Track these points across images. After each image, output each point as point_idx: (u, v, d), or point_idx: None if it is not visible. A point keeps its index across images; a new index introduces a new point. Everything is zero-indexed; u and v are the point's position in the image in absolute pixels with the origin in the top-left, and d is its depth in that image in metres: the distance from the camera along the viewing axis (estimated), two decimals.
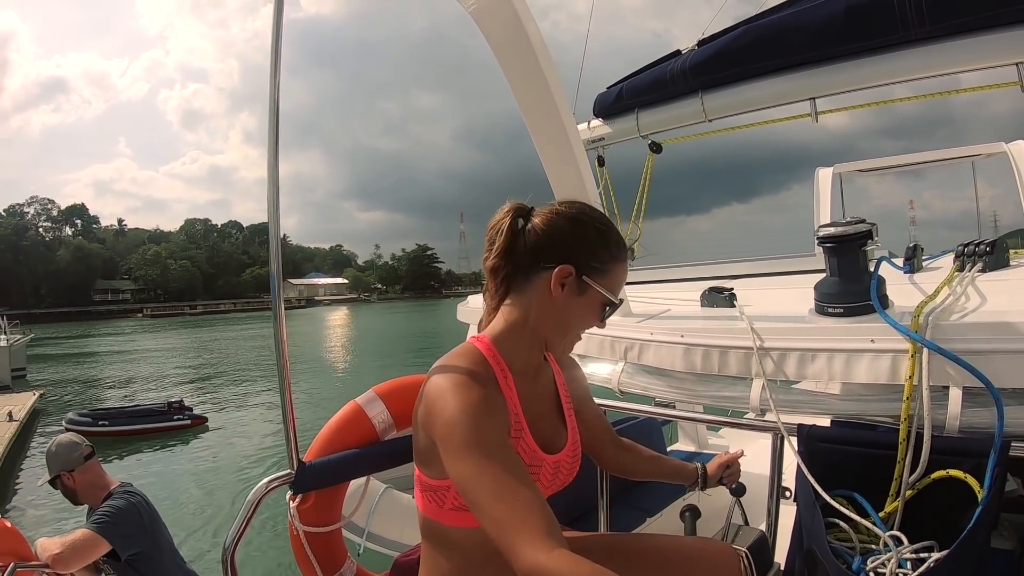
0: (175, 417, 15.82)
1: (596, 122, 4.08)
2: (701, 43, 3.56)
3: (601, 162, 4.26)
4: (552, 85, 2.00)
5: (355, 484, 2.24)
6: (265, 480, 1.78)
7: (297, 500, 1.91)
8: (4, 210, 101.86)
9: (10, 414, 14.73)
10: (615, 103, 3.93)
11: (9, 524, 2.59)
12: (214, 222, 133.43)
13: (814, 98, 3.12)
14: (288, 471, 1.82)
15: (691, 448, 4.51)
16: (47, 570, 2.52)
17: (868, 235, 1.79)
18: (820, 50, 2.97)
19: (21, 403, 16.67)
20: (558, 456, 1.39)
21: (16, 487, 11.51)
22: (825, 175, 4.52)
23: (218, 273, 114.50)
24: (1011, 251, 2.54)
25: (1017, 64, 2.67)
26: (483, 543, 1.25)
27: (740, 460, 1.85)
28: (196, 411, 16.77)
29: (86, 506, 3.00)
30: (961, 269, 2.27)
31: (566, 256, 1.29)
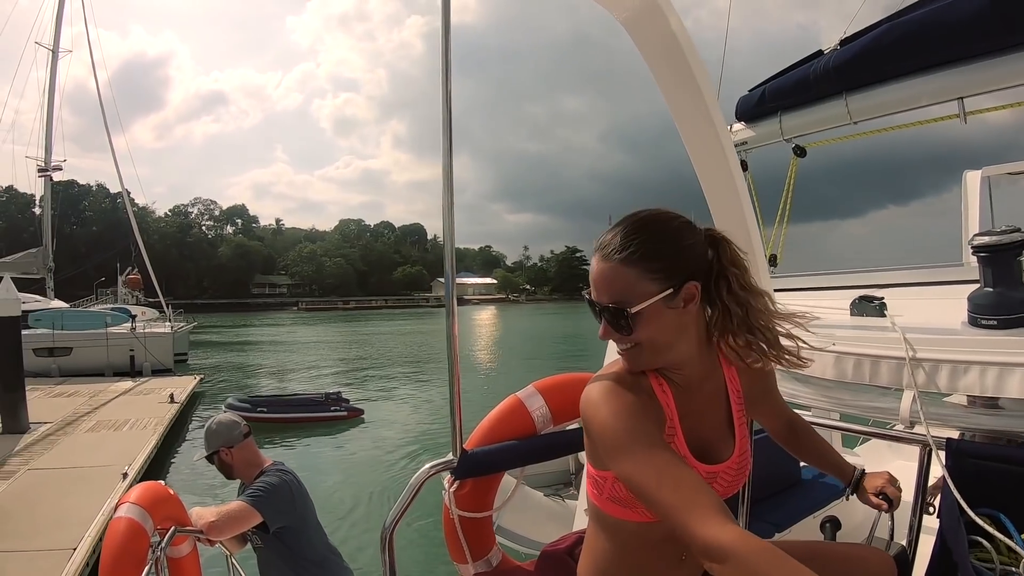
0: (332, 408, 16.16)
1: (738, 126, 3.97)
2: (843, 42, 3.41)
3: (744, 167, 4.08)
4: (705, 93, 2.02)
5: (509, 478, 2.34)
6: (429, 464, 1.91)
7: (455, 486, 2.03)
8: (170, 210, 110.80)
9: (171, 396, 15.45)
10: (757, 106, 3.82)
11: (172, 491, 2.84)
12: (367, 223, 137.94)
13: (961, 98, 2.93)
14: (450, 457, 1.94)
15: None
16: (201, 535, 2.75)
17: (1022, 246, 1.70)
18: (968, 46, 2.77)
19: (182, 386, 17.47)
20: (716, 467, 1.36)
21: (171, 462, 12.25)
22: (973, 178, 4.19)
23: (370, 271, 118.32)
24: None
25: None
26: (640, 533, 1.34)
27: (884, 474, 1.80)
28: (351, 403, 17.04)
29: (238, 482, 3.23)
30: None
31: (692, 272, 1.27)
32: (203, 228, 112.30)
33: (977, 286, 1.92)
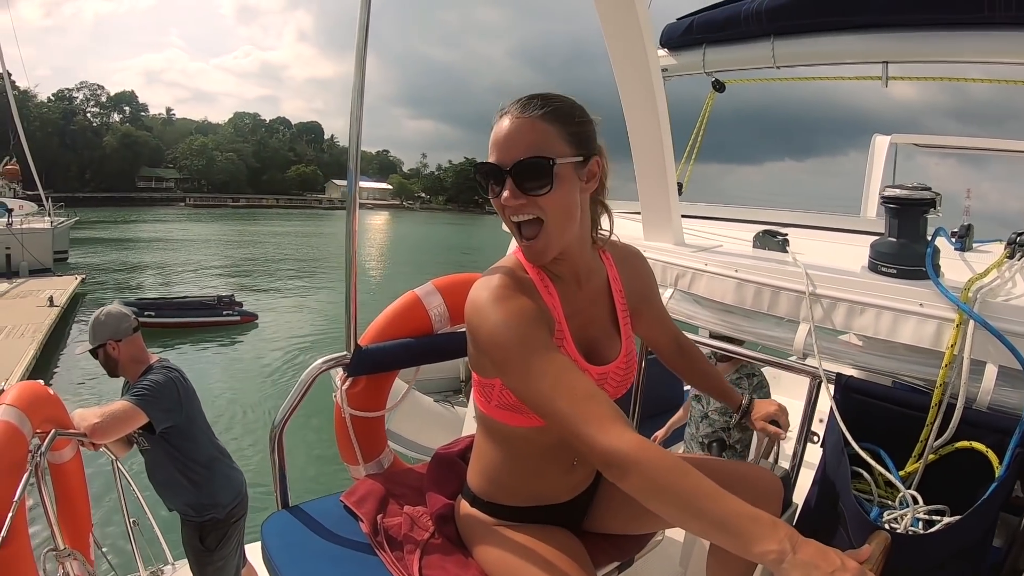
0: (225, 312, 15.87)
1: (661, 52, 3.95)
2: None
3: None
4: (640, 12, 1.99)
5: (402, 377, 2.30)
6: (320, 360, 1.86)
7: (347, 384, 2.00)
8: (53, 95, 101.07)
9: (51, 299, 14.80)
10: (683, 35, 3.82)
11: (51, 391, 2.63)
12: (262, 117, 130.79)
13: (887, 62, 3.04)
14: (344, 353, 1.90)
15: None
16: (85, 439, 2.59)
17: (932, 203, 1.80)
18: (900, 14, 2.88)
19: (63, 287, 16.69)
20: (605, 368, 1.36)
21: (54, 371, 11.80)
22: (882, 143, 4.44)
23: (263, 168, 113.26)
24: None
25: None
26: (531, 438, 1.36)
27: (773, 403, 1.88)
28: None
29: (122, 381, 3.07)
30: (1011, 256, 2.25)
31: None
32: (88, 115, 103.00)
33: (875, 238, 2.02)
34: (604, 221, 1.42)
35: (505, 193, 1.19)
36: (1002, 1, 2.57)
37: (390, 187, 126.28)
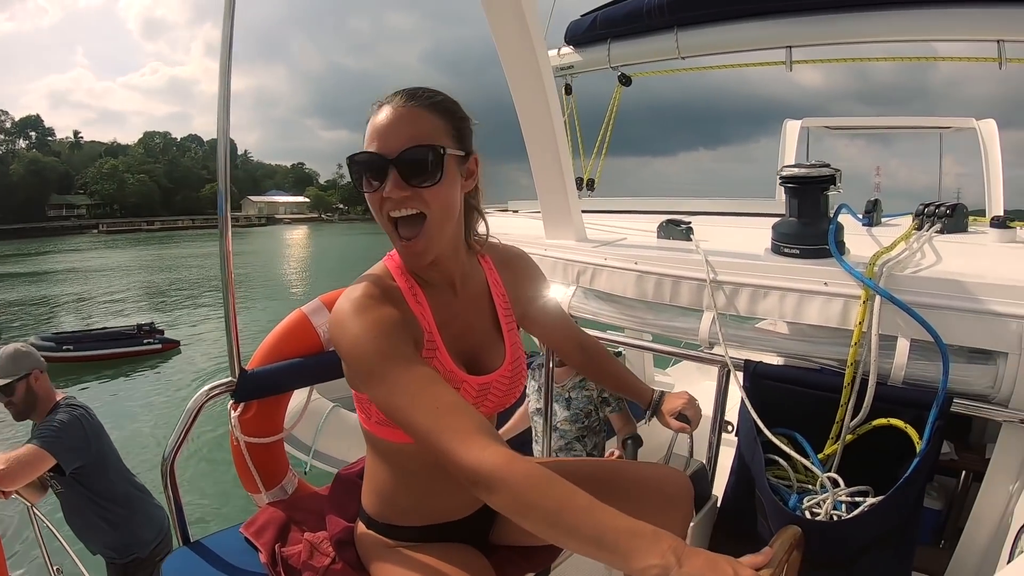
0: (146, 341, 15.30)
1: (567, 50, 4.00)
2: None
3: (568, 90, 4.22)
4: (527, 13, 1.94)
5: (298, 396, 2.23)
6: (206, 387, 1.77)
7: (239, 409, 1.91)
8: None
9: None
10: (587, 31, 3.85)
11: None
12: (173, 135, 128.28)
13: (790, 47, 3.12)
14: (230, 378, 1.80)
15: None
16: None
17: (831, 180, 1.76)
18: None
19: None
20: (488, 377, 1.30)
21: None
22: (793, 127, 4.55)
23: (177, 188, 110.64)
24: (970, 218, 2.55)
25: (999, 41, 2.70)
26: (416, 454, 1.27)
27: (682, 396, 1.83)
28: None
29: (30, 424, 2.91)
30: (919, 228, 2.28)
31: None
32: None
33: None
34: (480, 226, 1.37)
35: (388, 185, 1.11)
36: None
37: (307, 200, 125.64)
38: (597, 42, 3.82)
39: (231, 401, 1.87)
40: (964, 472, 2.44)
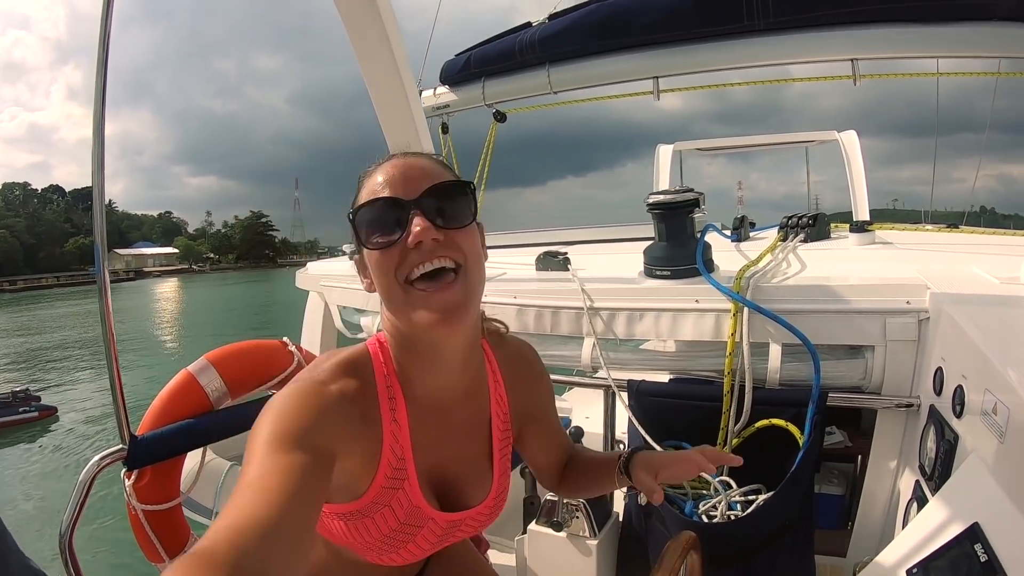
0: (21, 409, 14.25)
1: (442, 89, 4.05)
2: (552, 17, 3.62)
3: (445, 129, 4.24)
4: (395, 48, 2.00)
5: (193, 459, 2.15)
6: (96, 458, 1.70)
7: (133, 477, 1.83)
8: None
9: None
10: (462, 71, 3.91)
11: None
12: (34, 187, 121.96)
13: (657, 77, 3.28)
14: (120, 446, 1.73)
15: None
16: None
17: (695, 203, 1.91)
18: (667, 32, 3.13)
19: None
20: (461, 515, 1.06)
21: None
22: (665, 151, 4.74)
23: (39, 244, 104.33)
24: (832, 225, 2.76)
25: (852, 60, 2.93)
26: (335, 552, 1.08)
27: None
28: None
29: None
30: (784, 239, 2.46)
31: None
32: None
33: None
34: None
35: (414, 229, 0.86)
36: (759, 10, 2.86)
37: (176, 251, 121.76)
38: (471, 81, 3.88)
39: (124, 469, 1.80)
40: (860, 457, 2.60)
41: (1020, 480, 0.97)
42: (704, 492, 1.72)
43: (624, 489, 1.32)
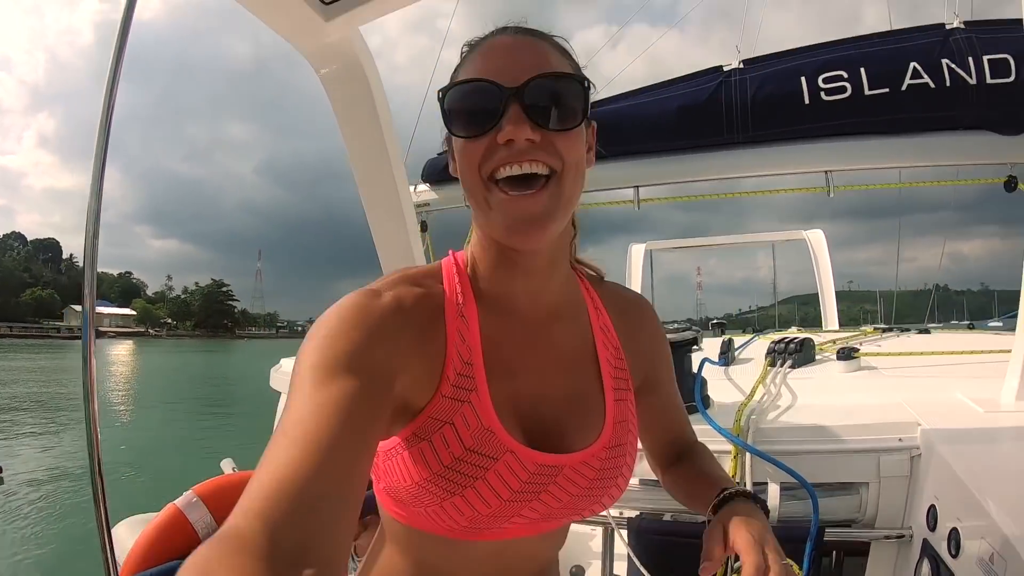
0: None
1: (423, 187, 4.03)
2: None
3: (424, 227, 4.15)
4: (392, 156, 2.03)
5: None
6: None
7: None
8: None
9: None
10: (445, 170, 3.90)
11: None
12: None
13: (638, 186, 3.38)
14: None
15: None
16: None
17: (694, 341, 1.90)
18: (652, 143, 3.25)
19: None
20: (560, 457, 0.84)
21: None
22: (638, 250, 4.81)
23: None
24: (816, 347, 2.79)
25: (826, 172, 3.08)
26: (439, 551, 0.89)
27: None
28: None
29: None
30: (773, 365, 2.49)
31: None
32: None
33: None
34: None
35: (507, 125, 0.75)
36: (739, 125, 3.01)
37: (134, 313, 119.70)
38: (454, 180, 3.87)
39: None
40: None
41: None
42: None
43: None
